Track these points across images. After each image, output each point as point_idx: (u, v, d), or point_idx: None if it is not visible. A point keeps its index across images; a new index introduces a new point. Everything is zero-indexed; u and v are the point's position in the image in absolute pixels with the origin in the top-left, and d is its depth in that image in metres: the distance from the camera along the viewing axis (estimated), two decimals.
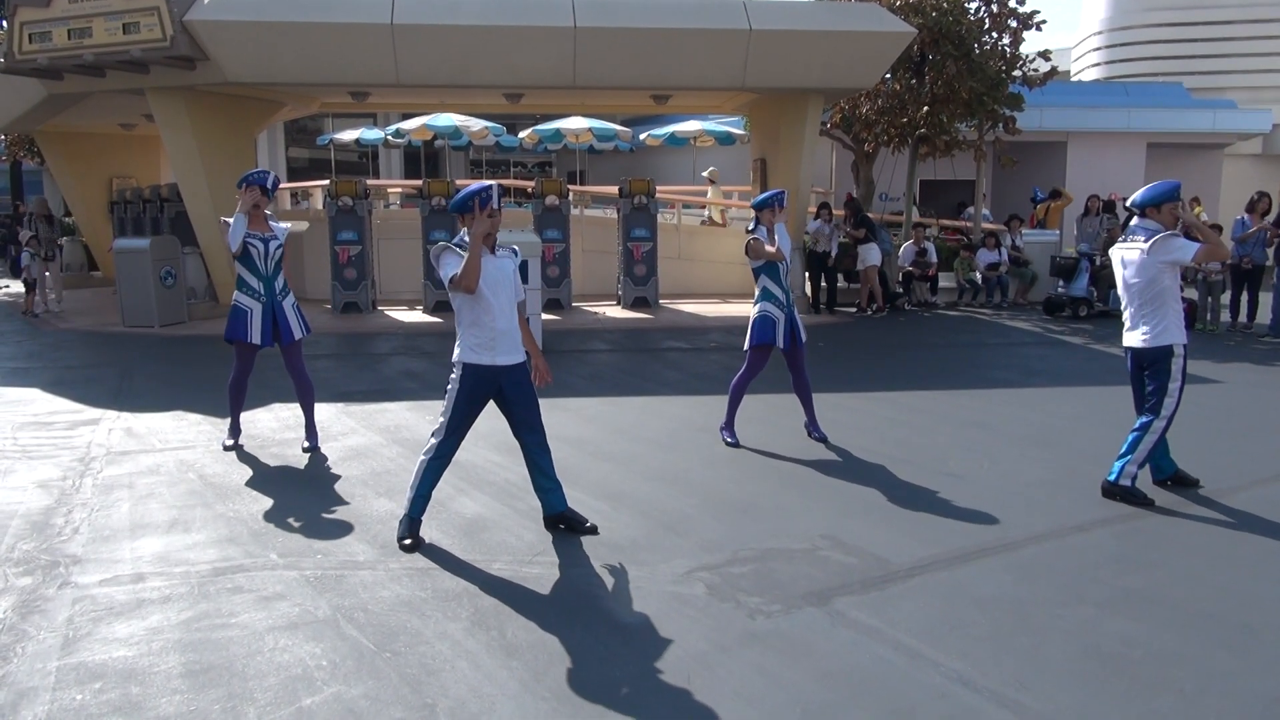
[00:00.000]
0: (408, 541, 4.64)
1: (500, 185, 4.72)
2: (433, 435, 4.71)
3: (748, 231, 6.50)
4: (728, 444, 6.54)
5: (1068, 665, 3.51)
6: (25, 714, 3.19)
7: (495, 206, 4.54)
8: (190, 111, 12.22)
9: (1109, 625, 3.83)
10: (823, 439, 6.63)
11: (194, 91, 12.08)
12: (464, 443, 4.82)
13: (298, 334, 6.34)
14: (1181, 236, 5.14)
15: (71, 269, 18.34)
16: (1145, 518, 5.10)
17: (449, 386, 4.65)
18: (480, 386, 4.62)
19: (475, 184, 4.63)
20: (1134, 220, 5.34)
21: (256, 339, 6.21)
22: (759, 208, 6.44)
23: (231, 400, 6.51)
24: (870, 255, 13.92)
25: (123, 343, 11.25)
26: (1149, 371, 5.31)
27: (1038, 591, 4.15)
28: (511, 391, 4.66)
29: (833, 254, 13.80)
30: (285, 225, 6.46)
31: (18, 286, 18.13)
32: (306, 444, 6.48)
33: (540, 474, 4.85)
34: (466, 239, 4.52)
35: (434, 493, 4.78)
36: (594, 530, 4.84)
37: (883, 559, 4.50)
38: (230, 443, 6.52)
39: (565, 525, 4.88)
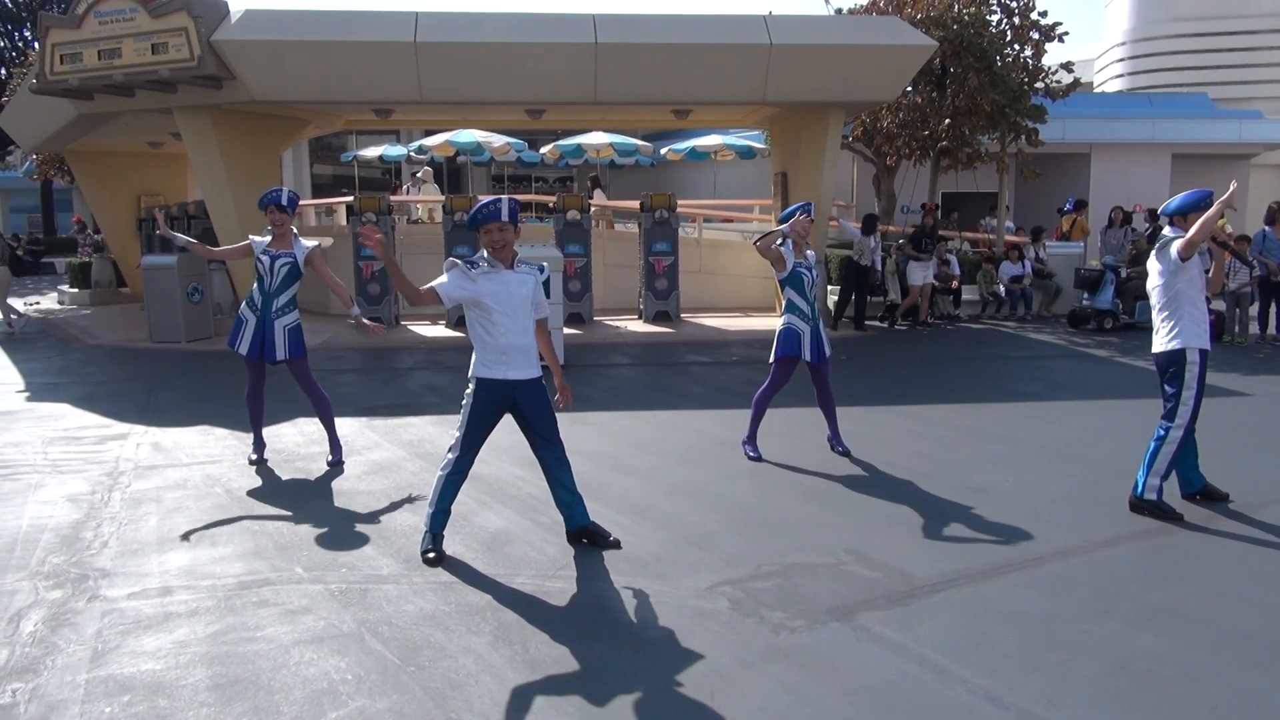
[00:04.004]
0: (431, 555, 4.66)
1: (516, 200, 4.71)
2: (449, 451, 4.73)
3: (775, 246, 6.49)
4: (750, 458, 6.53)
5: (1096, 682, 3.47)
6: None
7: (505, 220, 4.50)
8: (217, 130, 12.39)
9: (1138, 642, 3.78)
10: (846, 453, 6.60)
11: (220, 110, 12.25)
12: (486, 457, 4.84)
13: (280, 355, 6.25)
14: (1182, 237, 5.07)
15: (100, 285, 18.62)
16: (1173, 532, 5.05)
17: (464, 402, 4.68)
18: (494, 401, 4.63)
19: (489, 198, 4.63)
20: (1165, 229, 5.31)
21: (243, 350, 6.27)
22: (787, 221, 6.45)
23: (250, 414, 6.57)
24: (915, 274, 13.87)
25: (150, 358, 11.39)
26: (1167, 377, 5.26)
27: (1065, 607, 4.11)
28: (527, 405, 4.66)
29: (879, 269, 13.62)
30: (310, 243, 6.40)
31: (48, 303, 18.47)
32: (330, 458, 6.52)
33: (561, 488, 4.85)
34: (485, 255, 4.55)
35: (456, 507, 4.80)
36: (617, 544, 4.84)
37: (907, 574, 4.48)
38: (255, 457, 6.57)
39: (588, 539, 4.88)
